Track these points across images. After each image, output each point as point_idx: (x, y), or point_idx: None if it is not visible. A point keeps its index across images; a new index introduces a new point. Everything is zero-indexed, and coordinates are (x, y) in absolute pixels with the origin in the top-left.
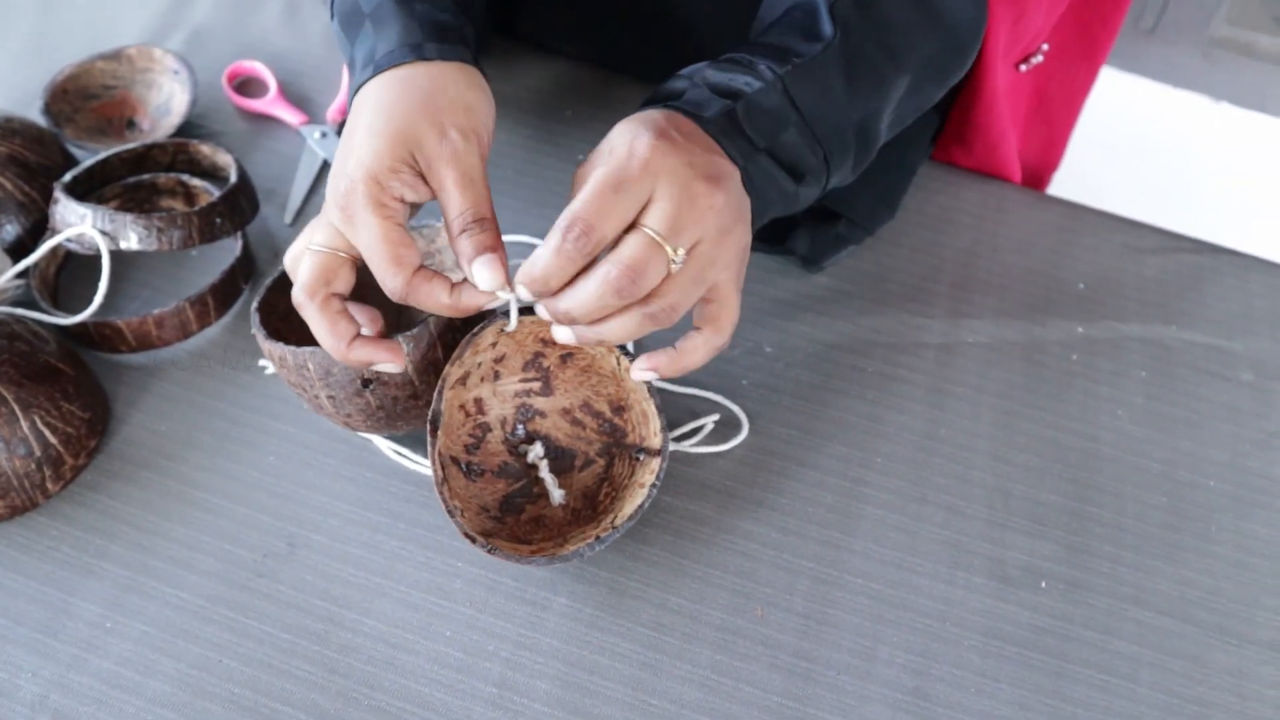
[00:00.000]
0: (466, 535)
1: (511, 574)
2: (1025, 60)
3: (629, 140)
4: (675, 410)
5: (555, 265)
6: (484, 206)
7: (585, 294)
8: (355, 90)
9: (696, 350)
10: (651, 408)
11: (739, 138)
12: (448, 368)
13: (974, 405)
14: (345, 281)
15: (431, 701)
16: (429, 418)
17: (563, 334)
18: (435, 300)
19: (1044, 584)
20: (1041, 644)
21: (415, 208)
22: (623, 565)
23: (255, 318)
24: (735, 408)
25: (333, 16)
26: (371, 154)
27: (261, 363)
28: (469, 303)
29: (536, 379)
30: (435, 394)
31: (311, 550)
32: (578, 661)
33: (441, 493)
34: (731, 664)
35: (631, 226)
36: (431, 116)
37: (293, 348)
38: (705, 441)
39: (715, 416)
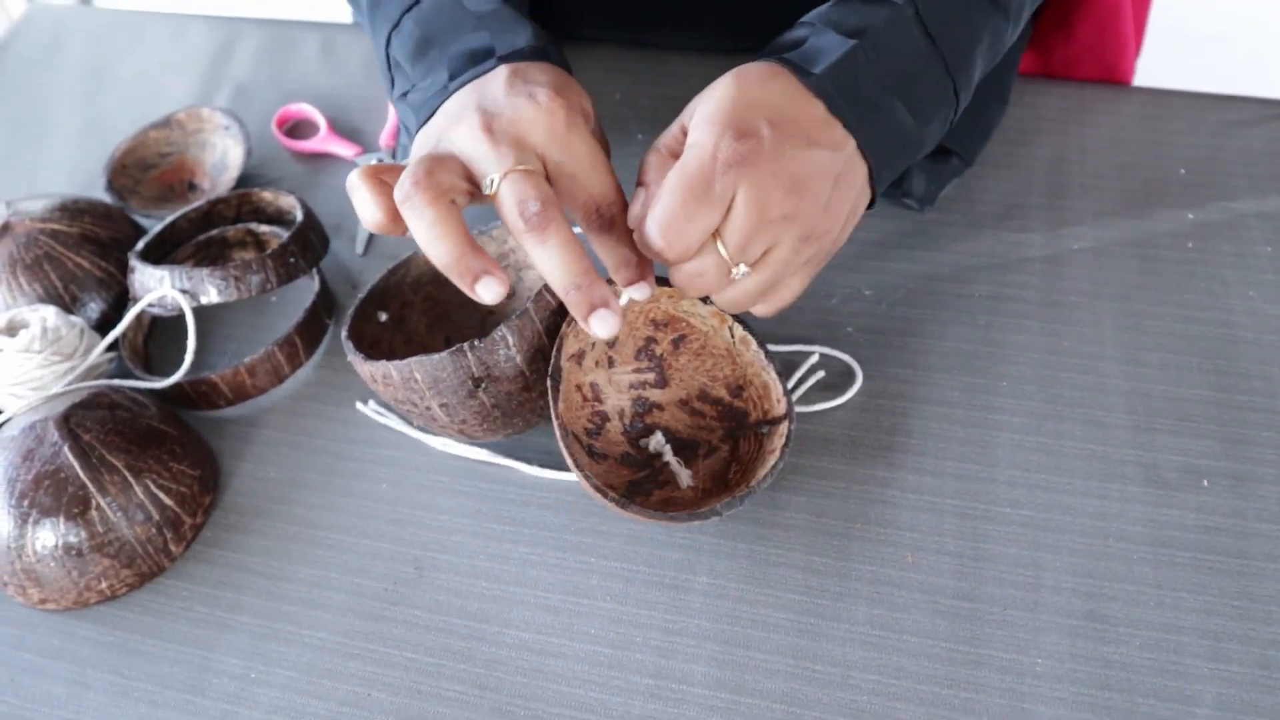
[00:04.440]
0: (598, 490)
1: (646, 560)
2: None
3: (713, 143)
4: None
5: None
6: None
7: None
8: (467, 78)
9: (735, 295)
10: (771, 375)
11: (857, 91)
12: (564, 328)
13: (1093, 312)
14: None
15: (587, 702)
16: (549, 374)
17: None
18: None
19: (1206, 482)
20: (1216, 545)
21: None
22: (760, 534)
23: (348, 345)
24: (845, 356)
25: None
26: (552, 88)
27: (358, 405)
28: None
29: (650, 369)
30: (554, 352)
31: (440, 570)
32: (731, 639)
33: (567, 445)
34: (891, 616)
35: None
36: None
37: (396, 362)
38: (820, 396)
39: (814, 359)
